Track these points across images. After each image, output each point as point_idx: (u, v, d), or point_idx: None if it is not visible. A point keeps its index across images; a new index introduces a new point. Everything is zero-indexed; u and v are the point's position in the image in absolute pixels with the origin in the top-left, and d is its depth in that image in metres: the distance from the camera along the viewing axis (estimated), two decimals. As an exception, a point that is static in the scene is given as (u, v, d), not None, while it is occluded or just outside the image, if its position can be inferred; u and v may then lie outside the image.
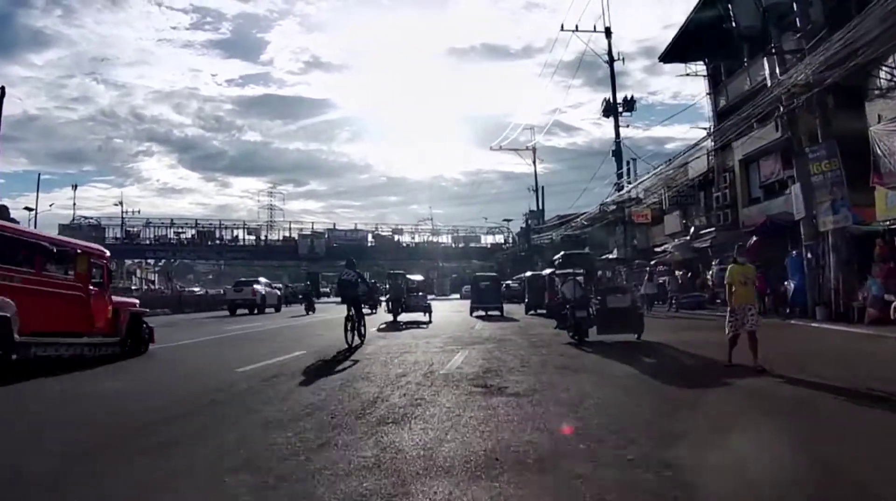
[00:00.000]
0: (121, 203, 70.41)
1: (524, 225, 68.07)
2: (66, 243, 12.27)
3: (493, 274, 36.89)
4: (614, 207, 32.91)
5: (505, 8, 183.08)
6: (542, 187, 61.68)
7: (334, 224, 72.75)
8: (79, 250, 12.04)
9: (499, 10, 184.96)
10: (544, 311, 25.52)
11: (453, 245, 76.00)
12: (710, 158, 32.03)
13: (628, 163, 32.16)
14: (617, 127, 31.24)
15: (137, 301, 14.65)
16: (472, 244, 76.73)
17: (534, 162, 59.07)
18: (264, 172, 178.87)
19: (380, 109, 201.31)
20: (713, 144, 28.71)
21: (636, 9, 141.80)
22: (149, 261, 79.36)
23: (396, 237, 74.85)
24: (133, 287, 65.11)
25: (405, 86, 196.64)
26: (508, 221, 74.04)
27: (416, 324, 21.40)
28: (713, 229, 29.62)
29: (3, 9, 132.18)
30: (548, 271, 25.43)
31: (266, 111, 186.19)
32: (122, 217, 67.01)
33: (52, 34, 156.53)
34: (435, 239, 75.73)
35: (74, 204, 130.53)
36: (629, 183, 31.16)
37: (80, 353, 11.28)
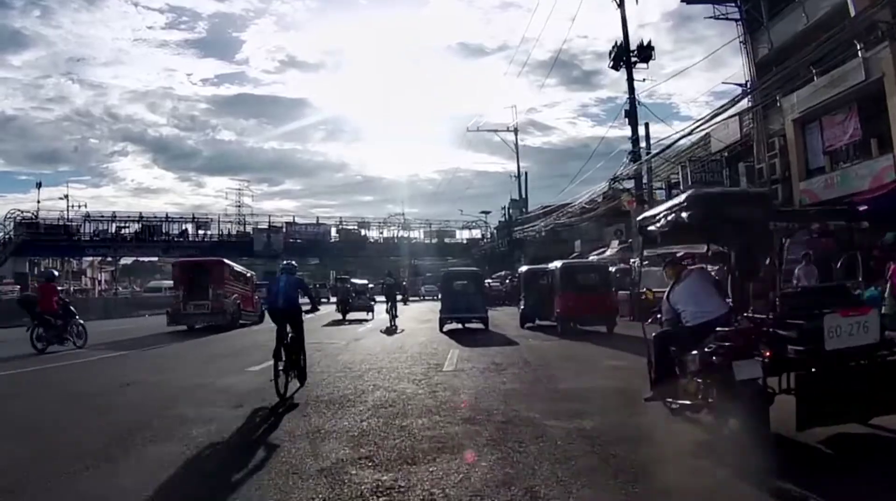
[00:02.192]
0: (66, 197, 62.83)
1: (504, 217, 62.24)
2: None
3: (473, 269, 26.99)
4: (622, 184, 26.87)
5: (480, 7, 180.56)
6: (526, 173, 55.65)
7: (293, 217, 65.87)
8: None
9: (474, 9, 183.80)
10: (552, 323, 18.68)
11: (426, 241, 69.76)
12: (742, 124, 26.59)
13: (646, 125, 26.12)
14: (630, 79, 25.23)
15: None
16: (447, 240, 70.61)
17: (516, 145, 53.21)
18: (239, 172, 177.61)
19: (356, 108, 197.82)
20: (753, 102, 23.04)
21: (610, 10, 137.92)
22: (108, 259, 72.00)
23: (363, 232, 68.33)
24: (73, 288, 57.77)
25: (381, 85, 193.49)
26: (486, 213, 68.11)
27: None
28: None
29: None
30: (554, 264, 19.72)
31: (241, 111, 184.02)
32: (66, 212, 59.54)
33: (31, 35, 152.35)
34: (406, 234, 69.41)
35: (39, 202, 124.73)
36: (647, 152, 25.15)
37: None
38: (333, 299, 35.91)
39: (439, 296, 21.41)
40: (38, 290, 17.23)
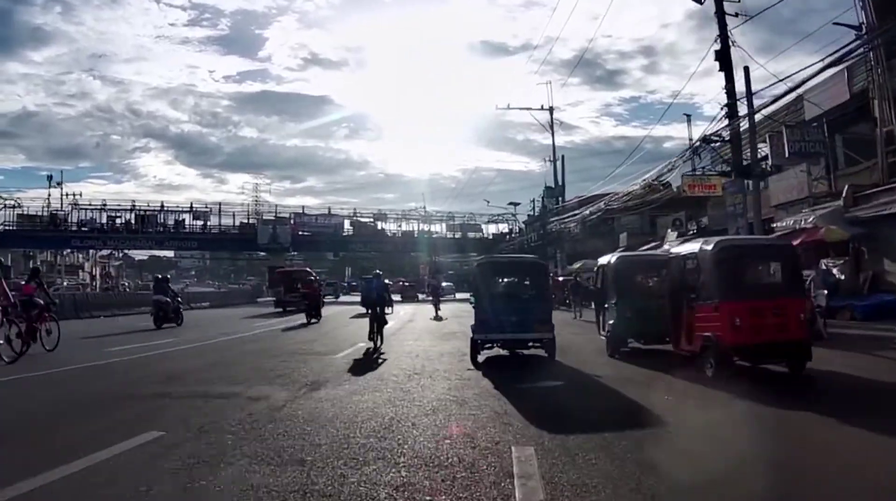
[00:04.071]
0: (60, 184, 57.86)
1: (533, 211, 55.84)
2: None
3: (530, 258, 17.08)
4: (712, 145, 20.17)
5: (503, 5, 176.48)
6: (563, 157, 48.72)
7: (303, 208, 60.05)
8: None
9: (497, 7, 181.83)
10: (664, 347, 11.25)
11: (448, 235, 63.49)
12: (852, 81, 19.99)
13: (745, 72, 19.27)
14: (721, 13, 18.70)
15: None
16: (471, 234, 64.25)
17: (551, 125, 46.56)
18: (261, 169, 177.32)
19: (378, 105, 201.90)
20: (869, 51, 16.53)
21: (634, 9, 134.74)
22: (103, 252, 67.38)
23: (380, 225, 62.28)
24: (66, 283, 52.50)
25: (404, 83, 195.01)
26: (515, 205, 61.53)
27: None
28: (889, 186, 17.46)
29: (3, 6, 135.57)
30: (687, 248, 10.68)
31: (263, 108, 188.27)
32: (60, 201, 54.69)
33: (52, 31, 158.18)
34: (426, 227, 63.17)
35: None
36: (750, 107, 18.55)
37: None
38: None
39: (472, 301, 13.70)
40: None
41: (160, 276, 26.07)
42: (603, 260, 14.89)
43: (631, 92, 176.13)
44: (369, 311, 15.04)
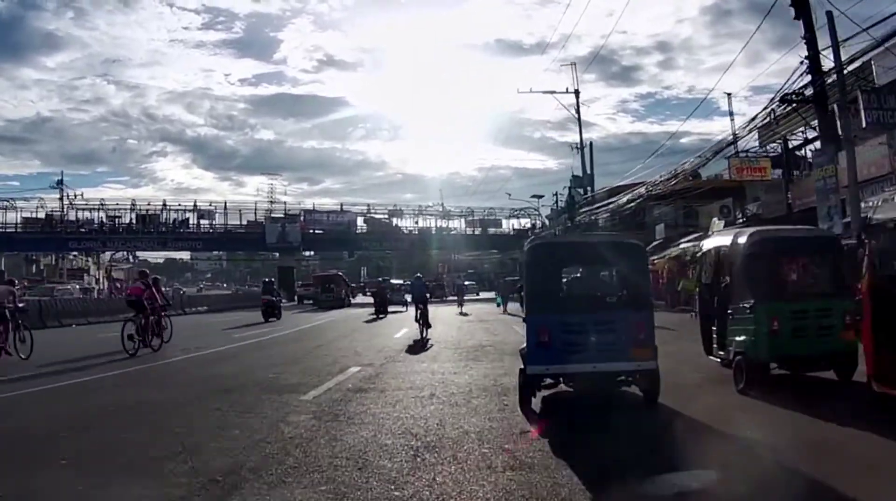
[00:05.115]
0: (60, 183, 55.02)
1: (557, 202, 52.09)
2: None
3: (630, 241, 8.37)
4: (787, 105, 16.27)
5: (518, 3, 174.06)
6: (590, 144, 44.74)
7: (313, 205, 56.92)
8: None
9: (513, 5, 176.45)
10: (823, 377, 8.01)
11: (468, 231, 59.95)
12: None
13: (829, 17, 15.42)
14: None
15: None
16: (491, 230, 60.63)
17: (577, 109, 42.75)
18: (278, 171, 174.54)
19: (394, 106, 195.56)
20: None
21: (649, 5, 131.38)
22: (116, 255, 65.04)
23: (395, 221, 58.93)
24: (68, 286, 49.83)
25: (420, 83, 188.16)
26: (539, 197, 57.68)
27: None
28: None
29: (14, 12, 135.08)
30: None
31: (280, 110, 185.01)
32: (61, 203, 51.66)
33: (64, 36, 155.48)
34: (444, 224, 59.72)
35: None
36: (836, 54, 14.71)
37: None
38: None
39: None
40: None
41: (267, 280, 32.45)
42: (714, 242, 10.00)
43: (647, 88, 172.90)
44: (419, 306, 17.97)
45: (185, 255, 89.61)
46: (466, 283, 51.64)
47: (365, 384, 9.18)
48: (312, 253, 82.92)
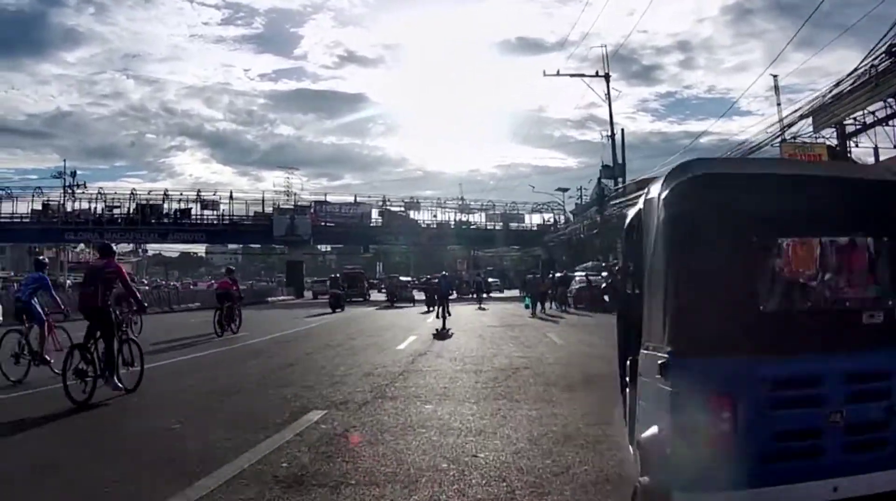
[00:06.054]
0: (62, 174, 52.22)
1: (581, 197, 48.24)
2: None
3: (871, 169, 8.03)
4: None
5: (539, 1, 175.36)
6: (621, 131, 40.88)
7: (325, 195, 53.65)
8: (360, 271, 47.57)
9: (533, 3, 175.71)
10: None
11: (489, 225, 56.39)
12: None
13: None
14: None
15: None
16: (513, 225, 57.04)
17: (608, 94, 38.85)
18: (298, 166, 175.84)
19: (415, 102, 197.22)
20: None
21: (669, 4, 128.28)
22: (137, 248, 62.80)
23: (413, 214, 55.51)
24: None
25: (440, 79, 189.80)
26: (564, 190, 53.86)
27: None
28: None
29: (36, 8, 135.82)
30: None
31: (299, 106, 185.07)
32: (63, 192, 48.83)
33: (85, 32, 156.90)
34: (465, 218, 56.21)
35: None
36: None
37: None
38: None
39: (619, 334, 4.21)
40: None
41: (334, 275, 39.83)
42: None
43: (667, 87, 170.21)
44: (442, 302, 19.39)
45: (200, 249, 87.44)
46: (490, 280, 48.51)
47: (317, 463, 4.86)
48: (328, 249, 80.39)
